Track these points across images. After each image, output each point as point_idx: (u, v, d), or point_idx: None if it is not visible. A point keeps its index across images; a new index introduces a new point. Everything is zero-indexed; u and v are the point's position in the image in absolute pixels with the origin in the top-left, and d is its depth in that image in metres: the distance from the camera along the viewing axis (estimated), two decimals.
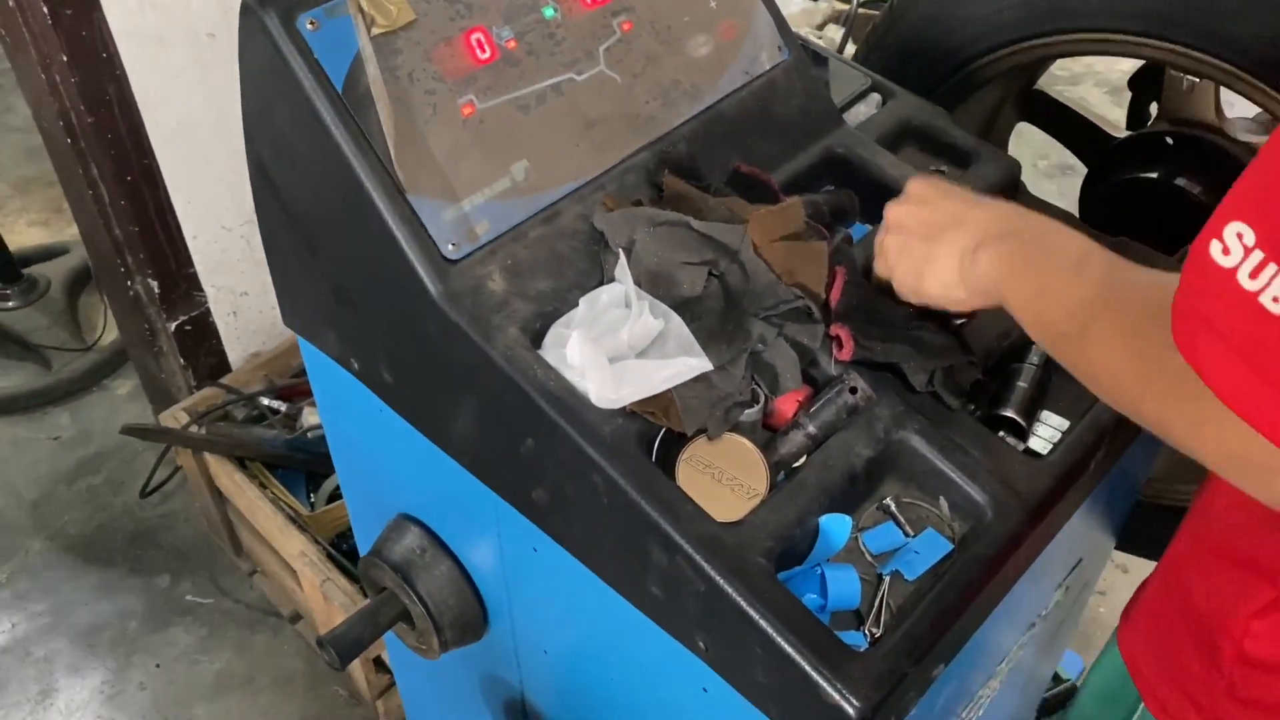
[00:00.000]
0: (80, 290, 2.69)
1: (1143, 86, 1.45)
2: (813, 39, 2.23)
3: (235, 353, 2.10)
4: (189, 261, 1.95)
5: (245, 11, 0.81)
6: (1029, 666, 1.23)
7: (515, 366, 0.80)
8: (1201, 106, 1.26)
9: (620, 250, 0.86)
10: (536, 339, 0.84)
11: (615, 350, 0.82)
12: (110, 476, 2.31)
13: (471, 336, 0.82)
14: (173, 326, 1.99)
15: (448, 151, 0.85)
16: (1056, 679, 1.75)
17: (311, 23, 0.80)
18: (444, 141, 0.85)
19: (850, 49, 2.16)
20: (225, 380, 2.02)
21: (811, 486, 0.80)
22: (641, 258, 0.86)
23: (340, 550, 1.78)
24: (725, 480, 0.79)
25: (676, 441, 0.80)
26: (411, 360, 0.90)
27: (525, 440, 0.82)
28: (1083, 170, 1.46)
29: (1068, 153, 1.50)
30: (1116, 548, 1.33)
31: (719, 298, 0.85)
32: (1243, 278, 0.53)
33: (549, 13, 0.92)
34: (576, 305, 0.85)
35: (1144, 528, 1.27)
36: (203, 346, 2.05)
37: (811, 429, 0.82)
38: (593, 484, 0.78)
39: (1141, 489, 1.25)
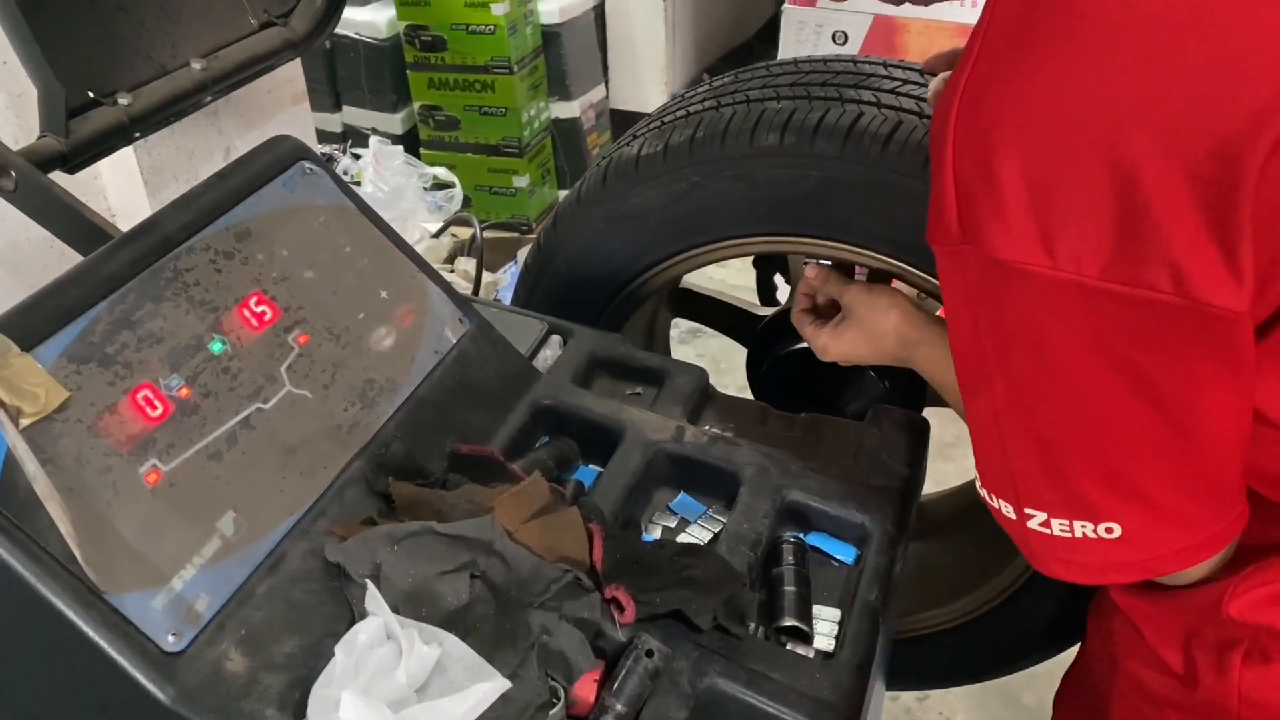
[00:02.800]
0: None
1: (765, 263, 1.60)
2: (445, 273, 2.28)
3: None
4: None
5: None
6: None
7: None
8: None
9: (366, 579, 0.79)
10: (300, 711, 0.73)
11: (393, 694, 0.73)
12: None
13: None
14: None
15: (142, 530, 0.74)
16: None
17: None
18: (134, 521, 0.74)
19: (487, 276, 2.22)
20: None
21: None
22: (392, 581, 0.79)
23: None
24: None
25: None
26: None
27: None
28: (711, 332, 1.59)
29: None
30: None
31: (488, 600, 0.80)
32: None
33: (217, 347, 0.85)
34: (333, 657, 0.75)
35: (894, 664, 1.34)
36: None
37: (620, 707, 0.78)
38: None
39: None
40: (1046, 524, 0.71)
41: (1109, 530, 0.68)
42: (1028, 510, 0.71)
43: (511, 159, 3.34)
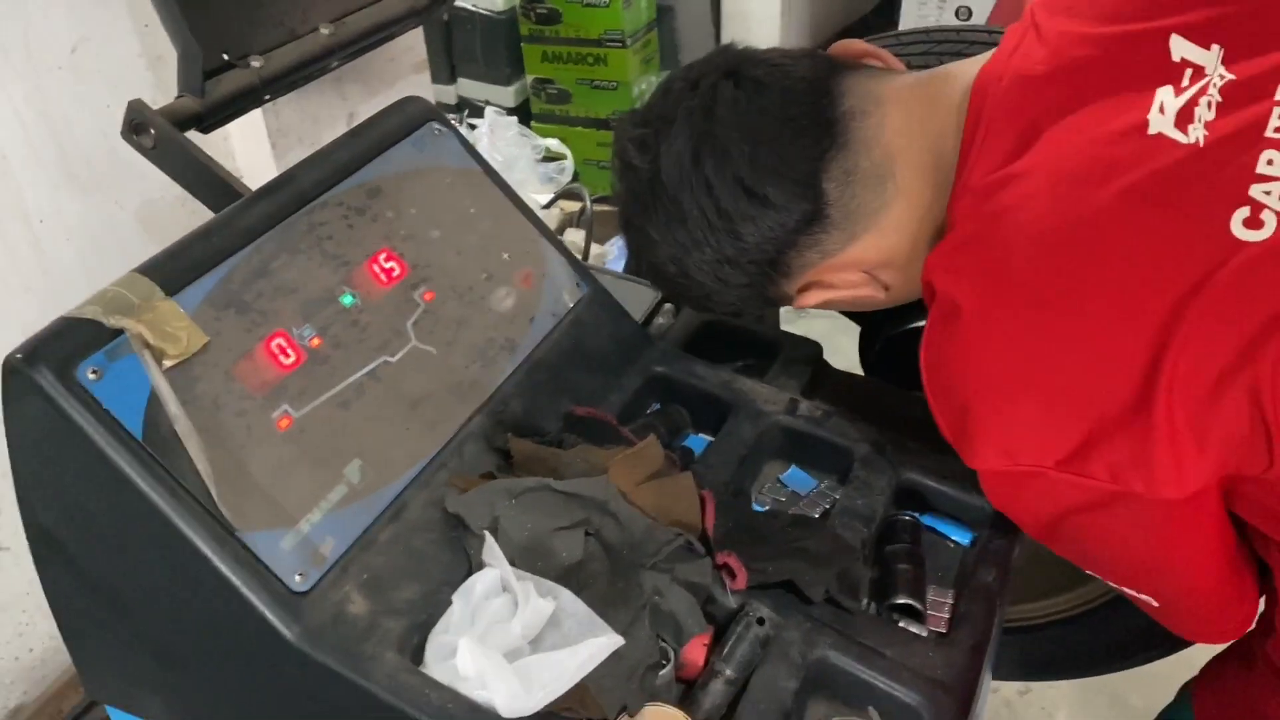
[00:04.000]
0: None
1: None
2: None
3: None
4: None
5: (11, 371, 0.70)
6: None
7: (405, 697, 0.71)
8: None
9: (485, 531, 0.80)
10: (417, 655, 0.75)
11: (508, 644, 0.74)
12: None
13: (345, 675, 0.72)
14: None
15: (273, 473, 0.76)
16: None
17: (94, 371, 0.71)
18: (266, 463, 0.76)
19: (595, 249, 2.23)
20: None
21: None
22: (510, 534, 0.80)
23: None
24: None
25: None
26: (273, 716, 0.78)
27: None
28: (817, 311, 1.56)
29: None
30: None
31: (602, 558, 0.80)
32: None
33: (348, 300, 0.87)
34: (450, 605, 0.77)
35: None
36: None
37: (730, 673, 0.78)
38: None
39: None
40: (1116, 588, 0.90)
41: (1149, 601, 0.86)
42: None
43: None
